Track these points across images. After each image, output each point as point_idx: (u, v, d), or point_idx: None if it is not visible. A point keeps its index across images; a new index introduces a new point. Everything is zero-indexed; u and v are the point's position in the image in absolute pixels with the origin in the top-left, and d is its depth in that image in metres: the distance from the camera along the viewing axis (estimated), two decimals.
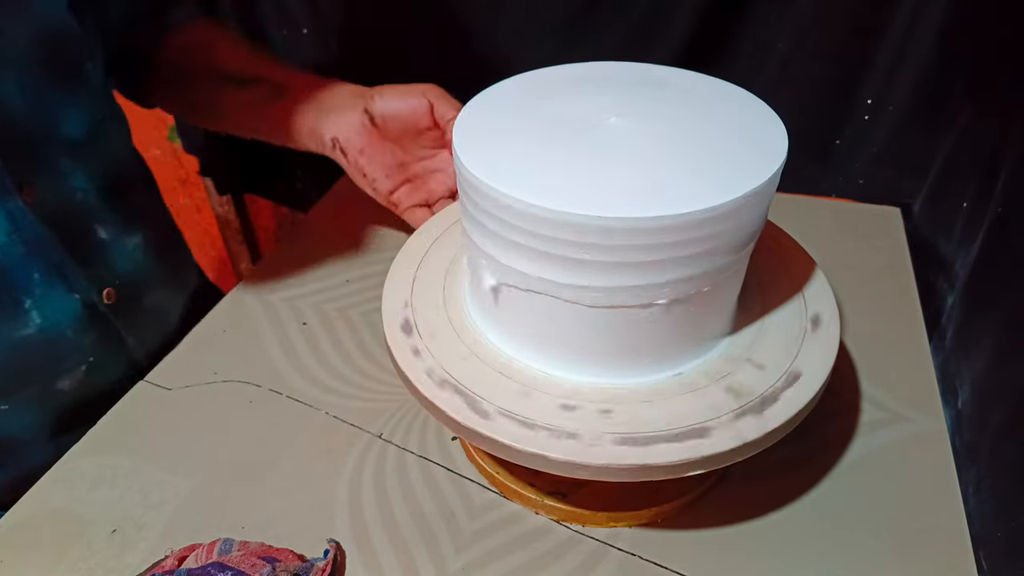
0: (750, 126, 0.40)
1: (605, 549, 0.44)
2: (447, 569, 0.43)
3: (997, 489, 0.45)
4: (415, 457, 0.49)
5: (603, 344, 0.40)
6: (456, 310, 0.46)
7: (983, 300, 0.55)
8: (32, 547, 0.45)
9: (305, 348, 0.58)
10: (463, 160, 0.38)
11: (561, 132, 0.40)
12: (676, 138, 0.39)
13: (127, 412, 0.53)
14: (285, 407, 0.53)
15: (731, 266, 0.39)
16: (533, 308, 0.39)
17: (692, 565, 0.42)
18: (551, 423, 0.38)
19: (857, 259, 0.65)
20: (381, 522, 0.45)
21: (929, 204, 0.70)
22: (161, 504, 0.47)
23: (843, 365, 0.54)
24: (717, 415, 0.38)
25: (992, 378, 0.49)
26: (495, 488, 0.47)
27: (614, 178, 0.36)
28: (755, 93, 0.43)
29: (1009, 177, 0.54)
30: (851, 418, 0.51)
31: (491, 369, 0.42)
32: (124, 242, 0.58)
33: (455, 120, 0.41)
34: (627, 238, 0.34)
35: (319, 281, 0.65)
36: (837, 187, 0.77)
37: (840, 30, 0.69)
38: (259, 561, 0.40)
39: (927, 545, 0.43)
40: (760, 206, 0.37)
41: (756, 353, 0.42)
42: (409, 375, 0.41)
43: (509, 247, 0.38)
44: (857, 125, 0.73)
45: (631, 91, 0.43)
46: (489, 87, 0.45)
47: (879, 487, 0.46)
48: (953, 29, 0.64)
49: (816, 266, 0.48)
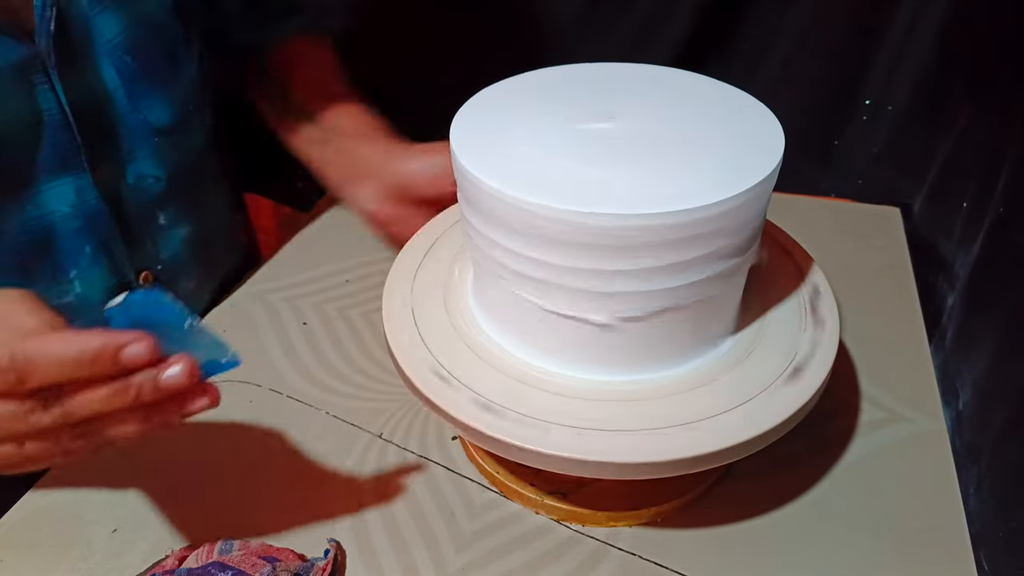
0: (747, 126, 0.40)
1: (605, 549, 0.44)
2: (447, 569, 0.43)
3: (998, 489, 0.45)
4: (415, 457, 0.49)
5: (602, 342, 0.40)
6: (457, 310, 0.46)
7: (983, 300, 0.55)
8: (32, 547, 0.45)
9: (305, 348, 0.58)
10: (461, 159, 0.38)
11: (560, 132, 0.40)
12: (674, 138, 0.39)
13: None
14: (285, 407, 0.53)
15: (731, 267, 0.39)
16: (533, 306, 0.39)
17: (692, 565, 0.42)
18: (551, 420, 0.38)
19: (857, 259, 0.65)
20: (381, 522, 0.45)
21: (929, 204, 0.70)
22: (161, 504, 0.47)
23: (843, 365, 0.54)
24: (716, 414, 0.38)
25: (993, 378, 0.49)
26: (495, 488, 0.47)
27: (613, 177, 0.36)
28: (755, 93, 0.43)
29: (1009, 177, 0.54)
30: (851, 418, 0.51)
31: (492, 368, 0.42)
32: (177, 231, 0.59)
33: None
34: (625, 236, 0.34)
35: (319, 281, 0.65)
36: (837, 187, 0.77)
37: (840, 30, 0.69)
38: (259, 561, 0.40)
39: (927, 545, 0.43)
40: (757, 205, 0.37)
41: (756, 353, 0.42)
42: (410, 375, 0.41)
43: (508, 245, 0.38)
44: (857, 125, 0.73)
45: (630, 91, 0.43)
46: (488, 87, 0.45)
47: (879, 487, 0.46)
48: (953, 29, 0.64)
49: (816, 266, 0.48)
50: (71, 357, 0.30)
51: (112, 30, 0.49)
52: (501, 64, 0.51)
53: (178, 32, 0.54)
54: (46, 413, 0.30)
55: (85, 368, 0.30)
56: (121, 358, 0.30)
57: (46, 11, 0.46)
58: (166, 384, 0.31)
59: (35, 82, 0.46)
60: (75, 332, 0.31)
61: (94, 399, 0.30)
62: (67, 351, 0.30)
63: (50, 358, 0.30)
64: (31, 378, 0.30)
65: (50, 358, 0.30)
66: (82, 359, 0.30)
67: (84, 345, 0.30)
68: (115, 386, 0.30)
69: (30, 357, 0.29)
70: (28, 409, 0.30)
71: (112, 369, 0.30)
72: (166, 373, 0.31)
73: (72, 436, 0.32)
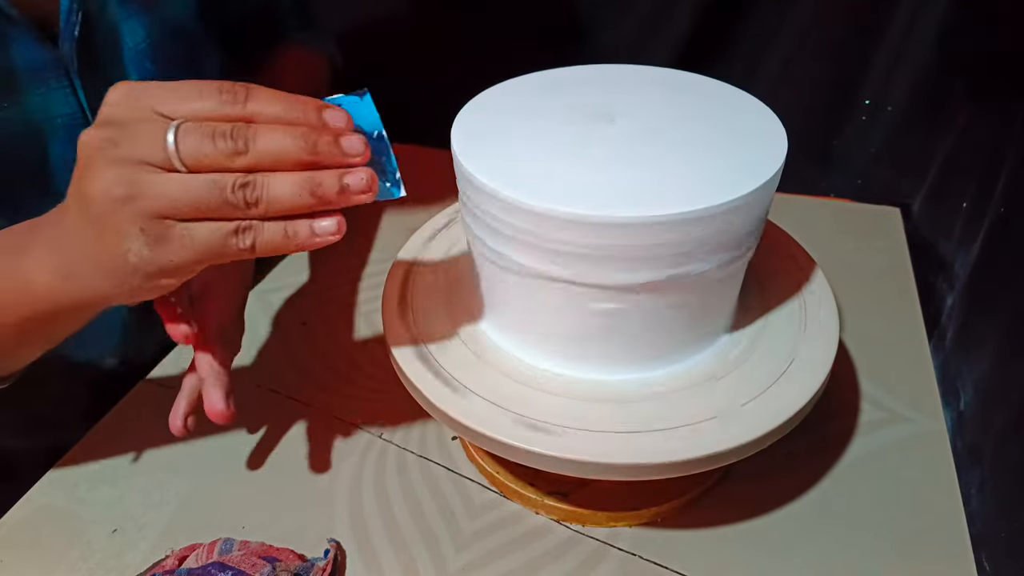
0: (750, 127, 0.40)
1: (605, 549, 0.44)
2: (447, 569, 0.43)
3: (999, 490, 0.45)
4: (415, 457, 0.49)
5: (600, 342, 0.40)
6: (456, 309, 0.46)
7: (983, 300, 0.55)
8: (32, 547, 0.45)
9: (305, 348, 0.58)
10: (462, 160, 0.38)
11: (560, 133, 0.40)
12: (676, 139, 0.39)
13: (127, 412, 0.54)
14: (285, 407, 0.53)
15: (730, 266, 0.39)
16: (534, 306, 0.39)
17: (692, 565, 0.42)
18: (550, 421, 0.38)
19: (857, 259, 0.65)
20: (381, 522, 0.45)
21: (929, 204, 0.70)
22: (161, 504, 0.47)
23: (843, 365, 0.54)
24: (715, 414, 0.38)
25: (994, 379, 0.49)
26: (495, 488, 0.47)
27: (613, 178, 0.36)
28: (755, 93, 0.43)
29: (1009, 177, 0.54)
30: (851, 418, 0.51)
31: (492, 369, 0.42)
32: None
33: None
34: (626, 237, 0.34)
35: (319, 281, 0.65)
36: (837, 187, 0.77)
37: (840, 30, 0.70)
38: (259, 561, 0.40)
39: (927, 545, 0.43)
40: (759, 207, 0.37)
41: (756, 353, 0.42)
42: (410, 375, 0.41)
43: (508, 245, 0.38)
44: (856, 125, 0.73)
45: (631, 92, 0.43)
46: (488, 88, 0.45)
47: (879, 487, 0.46)
48: (953, 29, 0.64)
49: (816, 266, 0.48)
50: (283, 96, 0.31)
51: (137, 37, 0.49)
52: (502, 65, 0.51)
53: (200, 39, 0.54)
54: (239, 157, 0.30)
55: (295, 110, 0.31)
56: (325, 117, 0.31)
57: (72, 16, 0.45)
58: (345, 184, 0.31)
59: (56, 85, 0.46)
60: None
61: (282, 144, 0.30)
62: (280, 93, 0.31)
63: (266, 90, 0.31)
64: (251, 99, 0.31)
65: (266, 90, 0.31)
66: (293, 100, 0.31)
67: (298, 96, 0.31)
68: (303, 171, 0.31)
69: (250, 86, 0.31)
70: (228, 152, 0.30)
71: (315, 122, 0.31)
72: (353, 175, 0.31)
73: (242, 204, 0.31)
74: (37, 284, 0.34)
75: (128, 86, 0.31)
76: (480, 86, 0.45)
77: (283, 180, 0.31)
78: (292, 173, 0.31)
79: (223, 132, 0.30)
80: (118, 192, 0.30)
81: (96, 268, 0.32)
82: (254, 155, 0.30)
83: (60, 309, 0.36)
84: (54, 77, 0.46)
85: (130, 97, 0.31)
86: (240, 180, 0.30)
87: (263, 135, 0.30)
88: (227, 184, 0.30)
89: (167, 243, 0.31)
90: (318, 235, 0.33)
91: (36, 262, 0.34)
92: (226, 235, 0.31)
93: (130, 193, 0.30)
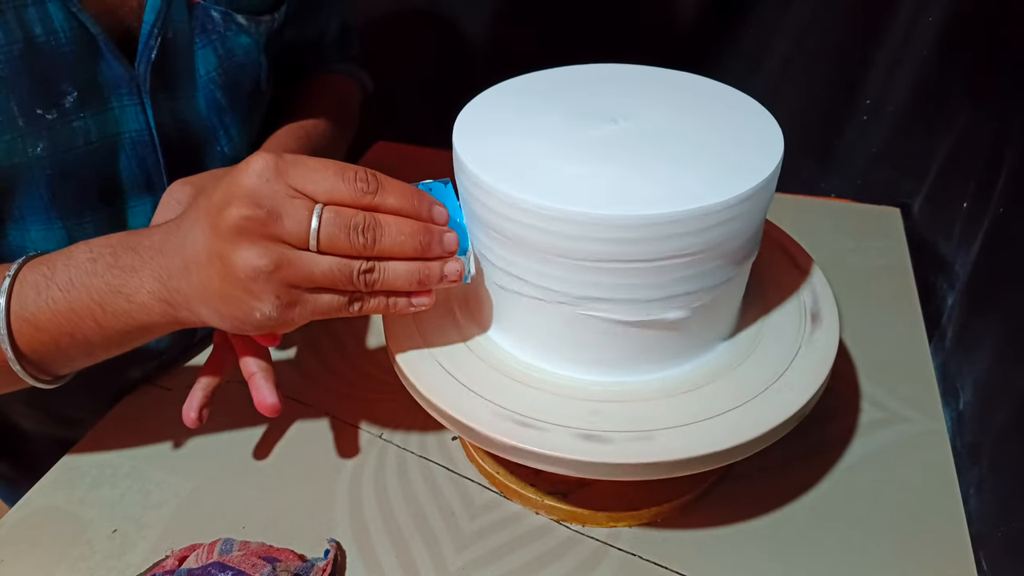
0: (747, 128, 0.40)
1: (605, 549, 0.44)
2: (447, 569, 0.43)
3: (999, 490, 0.45)
4: (415, 457, 0.49)
5: (600, 342, 0.40)
6: (456, 309, 0.46)
7: (983, 300, 0.55)
8: (32, 547, 0.45)
9: (305, 348, 0.58)
10: (464, 159, 0.38)
11: (560, 133, 0.40)
12: (676, 139, 0.39)
13: (127, 412, 0.54)
14: (286, 407, 0.53)
15: (731, 270, 0.39)
16: (533, 307, 0.39)
17: (692, 565, 0.42)
18: (549, 421, 0.38)
19: (857, 259, 0.65)
20: (381, 522, 0.45)
21: (929, 204, 0.70)
22: (161, 504, 0.47)
23: (843, 365, 0.54)
24: (716, 415, 0.38)
25: (994, 378, 0.49)
26: (495, 488, 0.47)
27: (613, 178, 0.36)
28: (755, 93, 0.43)
29: (1009, 177, 0.54)
30: (851, 418, 0.51)
31: (493, 369, 0.42)
32: None
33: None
34: (625, 235, 0.34)
35: None
36: (836, 187, 0.77)
37: (840, 30, 0.70)
38: (259, 561, 0.40)
39: (927, 545, 0.43)
40: (757, 208, 0.37)
41: (756, 353, 0.42)
42: (410, 375, 0.41)
43: (508, 244, 0.38)
44: (856, 125, 0.73)
45: (630, 92, 0.43)
46: (489, 88, 0.45)
47: (879, 487, 0.46)
48: (953, 29, 0.64)
49: (816, 266, 0.48)
50: (403, 190, 0.36)
51: (209, 66, 0.51)
52: (502, 65, 0.51)
53: (262, 69, 0.55)
54: (366, 250, 0.35)
55: (412, 205, 0.36)
56: (432, 213, 0.37)
57: (151, 40, 0.46)
58: (444, 272, 0.38)
59: (128, 102, 0.47)
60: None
61: (400, 243, 0.36)
62: (400, 186, 0.37)
63: (391, 183, 0.36)
64: (381, 191, 0.36)
65: (391, 183, 0.36)
66: (411, 194, 0.37)
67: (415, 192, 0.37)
68: (416, 238, 0.36)
69: (380, 176, 0.36)
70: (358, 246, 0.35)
71: (426, 215, 0.37)
72: (451, 265, 0.38)
73: (360, 284, 0.36)
74: (137, 303, 0.38)
75: (273, 159, 0.34)
76: (480, 86, 0.45)
77: (398, 269, 0.37)
78: (405, 263, 0.37)
79: (357, 227, 0.35)
80: (263, 264, 0.34)
81: (214, 313, 0.36)
82: (379, 250, 0.36)
83: (148, 327, 0.39)
84: (127, 94, 0.47)
85: (277, 172, 0.34)
86: (365, 266, 0.36)
87: (387, 235, 0.36)
88: (355, 269, 0.36)
89: (294, 308, 0.36)
90: (414, 308, 0.39)
91: (141, 282, 0.37)
92: (343, 304, 0.37)
93: (276, 267, 0.34)
